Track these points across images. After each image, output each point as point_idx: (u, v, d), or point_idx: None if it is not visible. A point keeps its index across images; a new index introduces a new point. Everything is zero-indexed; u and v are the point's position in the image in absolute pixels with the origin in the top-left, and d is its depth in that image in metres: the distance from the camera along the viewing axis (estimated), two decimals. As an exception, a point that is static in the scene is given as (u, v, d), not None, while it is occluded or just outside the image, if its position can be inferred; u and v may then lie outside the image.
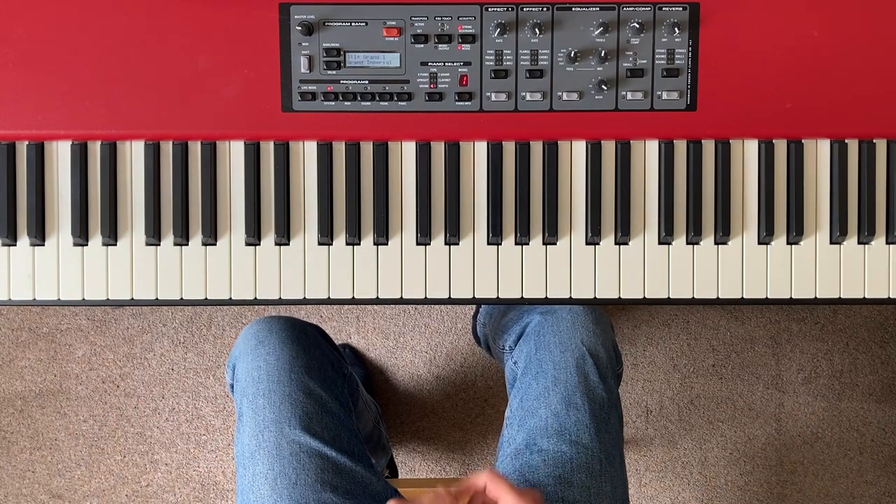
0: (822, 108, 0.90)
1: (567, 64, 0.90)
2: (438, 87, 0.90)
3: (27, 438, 1.63)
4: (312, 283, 0.92)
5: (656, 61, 0.90)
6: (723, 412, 1.63)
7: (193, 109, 0.89)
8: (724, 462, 1.63)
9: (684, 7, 0.89)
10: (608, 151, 0.92)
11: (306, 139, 0.91)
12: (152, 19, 0.88)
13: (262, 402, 0.99)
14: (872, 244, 0.92)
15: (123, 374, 1.63)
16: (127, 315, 1.63)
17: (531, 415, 1.01)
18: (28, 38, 0.88)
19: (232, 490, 1.62)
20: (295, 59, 0.89)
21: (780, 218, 0.92)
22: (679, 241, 0.92)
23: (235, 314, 1.63)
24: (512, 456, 1.01)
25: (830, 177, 0.92)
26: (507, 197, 0.91)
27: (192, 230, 0.91)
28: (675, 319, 1.64)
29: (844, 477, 1.63)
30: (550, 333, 1.04)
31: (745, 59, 0.89)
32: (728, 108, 0.90)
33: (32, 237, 0.91)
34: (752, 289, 0.92)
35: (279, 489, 0.95)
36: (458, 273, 0.92)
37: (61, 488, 1.63)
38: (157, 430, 1.63)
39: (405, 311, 1.63)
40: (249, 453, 0.98)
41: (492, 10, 0.89)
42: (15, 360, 1.63)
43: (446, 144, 0.91)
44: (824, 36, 0.89)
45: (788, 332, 1.64)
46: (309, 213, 0.92)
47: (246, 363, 1.03)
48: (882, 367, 1.64)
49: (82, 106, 0.89)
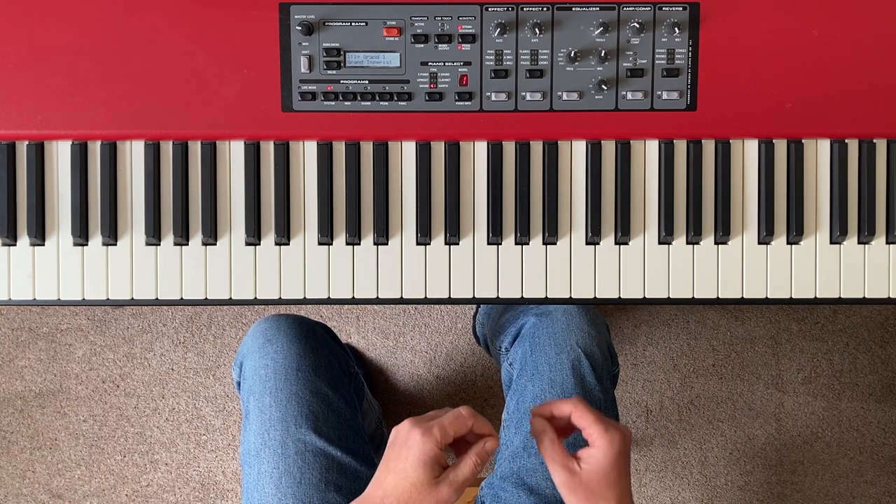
0: (822, 108, 0.90)
1: (567, 64, 0.90)
2: (438, 86, 0.90)
3: (27, 438, 1.63)
4: (312, 282, 0.92)
5: (656, 61, 0.90)
6: (723, 412, 1.63)
7: (193, 109, 0.89)
8: (724, 462, 1.63)
9: (684, 7, 0.89)
10: (608, 151, 0.92)
11: (306, 139, 0.91)
12: (152, 19, 0.88)
13: (269, 401, 0.99)
14: (872, 244, 0.92)
15: (123, 374, 1.63)
16: (127, 315, 1.63)
17: (528, 417, 1.00)
18: (28, 38, 0.88)
19: (232, 490, 1.62)
20: (295, 59, 0.89)
21: (780, 218, 0.92)
22: (679, 240, 0.92)
23: (235, 314, 1.63)
24: (510, 458, 1.00)
25: (830, 177, 0.92)
26: (507, 197, 0.91)
27: (192, 230, 0.91)
28: (675, 319, 1.64)
29: (844, 477, 1.63)
30: (545, 335, 1.04)
31: (745, 59, 0.89)
32: (728, 108, 0.90)
33: (32, 237, 0.91)
34: (752, 289, 0.92)
35: (284, 488, 0.95)
36: (458, 273, 0.92)
37: (61, 488, 1.63)
38: (157, 430, 1.63)
39: (405, 311, 1.63)
40: (255, 452, 0.98)
41: (492, 10, 0.89)
42: (15, 360, 1.63)
43: (446, 144, 0.91)
44: (824, 35, 0.89)
45: (788, 332, 1.64)
46: (309, 213, 0.92)
47: (253, 361, 1.03)
48: (882, 367, 1.64)
49: (82, 106, 0.89)
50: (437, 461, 0.80)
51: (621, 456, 0.83)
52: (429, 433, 0.79)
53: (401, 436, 0.81)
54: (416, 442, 0.79)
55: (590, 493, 0.82)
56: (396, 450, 0.81)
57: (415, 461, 0.79)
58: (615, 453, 0.82)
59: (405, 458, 0.79)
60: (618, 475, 0.82)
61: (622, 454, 0.83)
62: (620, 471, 0.83)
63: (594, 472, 0.82)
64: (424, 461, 0.79)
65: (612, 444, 0.82)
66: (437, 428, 0.79)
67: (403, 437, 0.80)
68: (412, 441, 0.79)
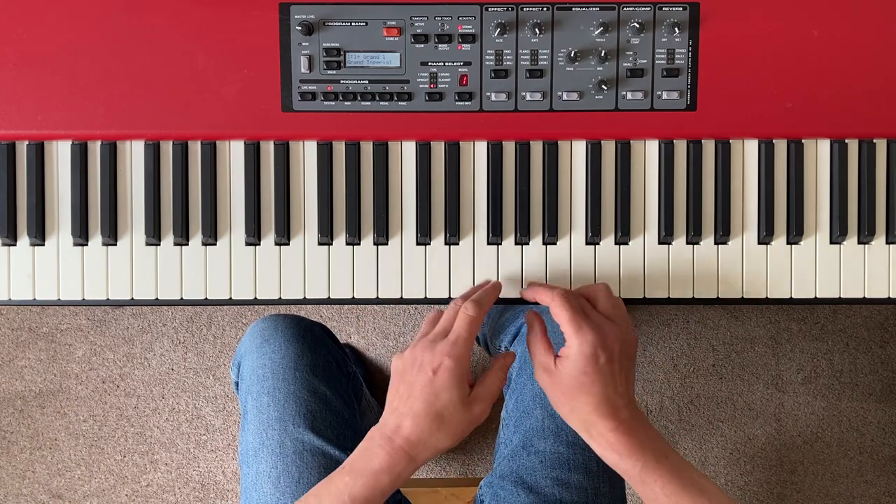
0: (822, 108, 0.90)
1: (567, 64, 0.90)
2: (438, 86, 0.90)
3: (27, 438, 1.63)
4: (312, 282, 0.92)
5: (656, 61, 0.90)
6: (723, 412, 1.63)
7: (193, 109, 0.89)
8: (724, 462, 1.63)
9: (684, 7, 0.89)
10: (608, 151, 0.92)
11: (306, 139, 0.91)
12: (152, 19, 0.88)
13: (267, 401, 0.99)
14: (872, 244, 0.92)
15: (123, 374, 1.63)
16: (127, 315, 1.63)
17: (527, 416, 1.01)
18: (28, 38, 0.88)
19: (232, 490, 1.62)
20: (295, 59, 0.89)
21: (780, 218, 0.92)
22: (679, 241, 0.92)
23: (235, 314, 1.63)
24: (509, 457, 1.00)
25: (830, 177, 0.92)
26: (507, 197, 0.91)
27: (192, 230, 0.91)
28: (675, 319, 1.64)
29: (844, 477, 1.63)
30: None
31: (745, 59, 0.89)
32: (728, 108, 0.90)
33: (32, 237, 0.91)
34: (752, 289, 0.92)
35: (282, 487, 0.95)
36: (459, 273, 0.92)
37: (61, 488, 1.63)
38: (157, 430, 1.63)
39: (405, 311, 1.63)
40: (253, 451, 0.98)
41: (492, 9, 0.89)
42: (15, 360, 1.63)
43: (446, 144, 0.91)
44: (824, 36, 0.89)
45: (788, 332, 1.64)
46: (309, 213, 0.92)
47: (251, 361, 1.03)
48: (882, 367, 1.64)
49: (82, 106, 0.89)
50: (466, 378, 0.79)
51: (592, 359, 0.77)
52: (453, 348, 0.78)
53: (423, 361, 0.79)
54: (446, 363, 0.77)
55: (563, 396, 0.79)
56: (414, 375, 0.79)
57: (446, 381, 0.77)
58: (585, 356, 0.77)
59: (432, 381, 0.77)
60: (591, 381, 0.77)
61: (593, 357, 0.77)
62: (595, 376, 0.77)
63: (567, 375, 0.78)
64: (458, 379, 0.77)
65: (582, 346, 0.77)
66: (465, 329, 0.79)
67: (423, 362, 0.79)
68: (437, 361, 0.78)
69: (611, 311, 0.82)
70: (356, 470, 0.79)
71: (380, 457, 0.78)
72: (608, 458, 0.79)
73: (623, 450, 0.77)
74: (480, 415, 0.80)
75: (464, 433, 0.79)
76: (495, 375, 0.82)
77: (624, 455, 0.77)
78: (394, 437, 0.78)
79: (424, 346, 0.80)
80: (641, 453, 0.77)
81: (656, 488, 0.76)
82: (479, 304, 0.81)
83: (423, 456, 0.78)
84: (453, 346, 0.79)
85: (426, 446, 0.78)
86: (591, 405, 0.78)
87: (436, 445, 0.78)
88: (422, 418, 0.77)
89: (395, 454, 0.78)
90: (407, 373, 0.80)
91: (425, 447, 0.78)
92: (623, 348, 0.79)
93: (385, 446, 0.78)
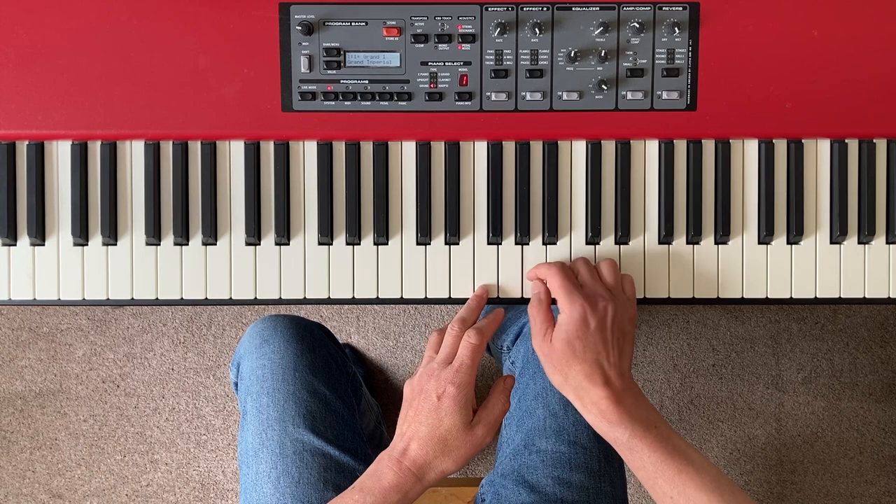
0: (822, 108, 0.90)
1: (567, 64, 0.90)
2: (438, 86, 0.90)
3: (27, 438, 1.63)
4: (312, 282, 0.92)
5: (656, 61, 0.90)
6: (723, 412, 1.63)
7: (193, 109, 0.89)
8: (724, 462, 1.63)
9: (684, 7, 0.89)
10: (608, 151, 0.92)
11: (306, 139, 0.91)
12: (152, 19, 0.88)
13: (266, 401, 0.99)
14: (872, 244, 0.92)
15: (123, 374, 1.63)
16: (127, 315, 1.63)
17: (529, 415, 1.01)
18: (28, 38, 0.88)
19: (232, 490, 1.62)
20: (295, 59, 0.89)
21: (780, 218, 0.92)
22: (679, 240, 0.92)
23: (235, 314, 1.63)
24: (511, 456, 1.01)
25: (830, 177, 0.92)
26: (507, 197, 0.91)
27: (192, 230, 0.91)
28: (675, 319, 1.64)
29: (844, 477, 1.63)
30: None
31: (745, 58, 0.89)
32: (728, 108, 0.90)
33: (32, 237, 0.91)
34: (752, 289, 0.92)
35: (282, 488, 0.95)
36: (458, 273, 0.92)
37: (61, 488, 1.63)
38: (157, 430, 1.63)
39: (405, 311, 1.63)
40: (253, 452, 0.98)
41: (492, 9, 0.89)
42: (15, 360, 1.63)
43: (446, 144, 0.91)
44: (824, 36, 0.89)
45: (788, 332, 1.64)
46: (309, 213, 0.92)
47: (250, 361, 1.03)
48: (882, 367, 1.64)
49: (82, 106, 0.89)
50: (470, 403, 0.82)
51: (583, 324, 0.80)
52: (457, 375, 0.81)
53: (428, 387, 0.82)
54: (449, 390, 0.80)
55: (557, 364, 0.82)
56: (421, 401, 0.82)
57: (450, 407, 0.80)
58: (574, 321, 0.80)
59: (437, 407, 0.81)
60: (583, 346, 0.80)
61: (582, 322, 0.80)
62: (586, 342, 0.80)
63: (559, 340, 0.81)
64: (461, 405, 0.80)
65: (573, 311, 0.80)
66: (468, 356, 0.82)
67: (427, 388, 0.82)
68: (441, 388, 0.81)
69: (611, 282, 0.86)
70: (366, 489, 0.82)
71: (388, 477, 0.81)
72: (600, 427, 0.81)
73: (613, 417, 0.80)
74: (483, 438, 0.82)
75: (468, 456, 0.82)
76: (497, 399, 0.85)
77: (614, 423, 0.80)
78: (402, 460, 0.81)
79: (430, 373, 0.83)
80: (631, 422, 0.79)
81: (643, 456, 0.78)
82: (481, 333, 0.84)
83: (429, 477, 0.82)
84: (457, 373, 0.82)
85: (432, 468, 0.81)
86: (583, 372, 0.80)
87: (441, 468, 0.81)
88: (426, 441, 0.81)
89: (402, 475, 0.81)
90: (415, 399, 0.83)
91: (431, 469, 0.81)
92: (616, 319, 0.82)
93: (393, 467, 0.81)
